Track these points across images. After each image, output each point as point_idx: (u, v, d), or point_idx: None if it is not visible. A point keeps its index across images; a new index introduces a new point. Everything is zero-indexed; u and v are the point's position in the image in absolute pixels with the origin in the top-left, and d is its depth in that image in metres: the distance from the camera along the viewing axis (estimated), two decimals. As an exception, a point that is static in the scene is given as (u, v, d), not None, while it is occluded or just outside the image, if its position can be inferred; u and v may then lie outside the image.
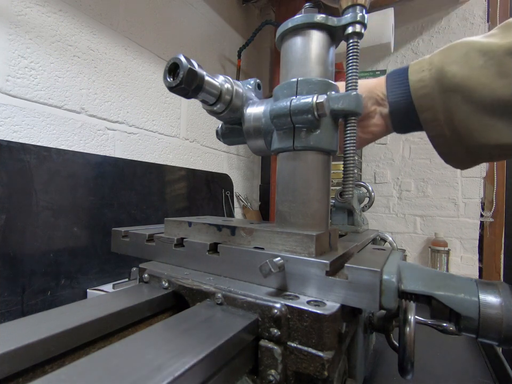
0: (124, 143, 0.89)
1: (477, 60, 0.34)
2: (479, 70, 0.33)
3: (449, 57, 0.36)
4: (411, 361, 0.28)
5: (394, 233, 1.49)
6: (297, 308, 0.25)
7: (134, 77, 0.91)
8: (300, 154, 0.32)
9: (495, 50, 0.33)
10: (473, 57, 0.34)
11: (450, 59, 0.36)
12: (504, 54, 0.32)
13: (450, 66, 0.35)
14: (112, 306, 0.27)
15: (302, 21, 0.32)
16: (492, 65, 0.33)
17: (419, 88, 0.38)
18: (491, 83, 0.33)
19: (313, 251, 0.28)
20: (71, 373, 0.18)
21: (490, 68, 0.33)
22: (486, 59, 0.33)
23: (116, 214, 0.81)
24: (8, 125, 0.63)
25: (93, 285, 0.74)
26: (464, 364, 0.55)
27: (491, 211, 1.29)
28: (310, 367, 0.24)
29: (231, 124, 0.40)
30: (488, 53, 0.33)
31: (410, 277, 0.27)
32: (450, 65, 0.35)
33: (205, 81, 0.30)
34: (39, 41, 0.68)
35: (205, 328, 0.24)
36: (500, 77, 0.32)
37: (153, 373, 0.18)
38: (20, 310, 0.60)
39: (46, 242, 0.65)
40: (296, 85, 0.32)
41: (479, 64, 0.33)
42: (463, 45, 0.35)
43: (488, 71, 0.33)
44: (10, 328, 0.23)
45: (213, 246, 0.34)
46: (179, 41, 1.09)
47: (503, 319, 0.24)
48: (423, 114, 0.38)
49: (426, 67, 0.37)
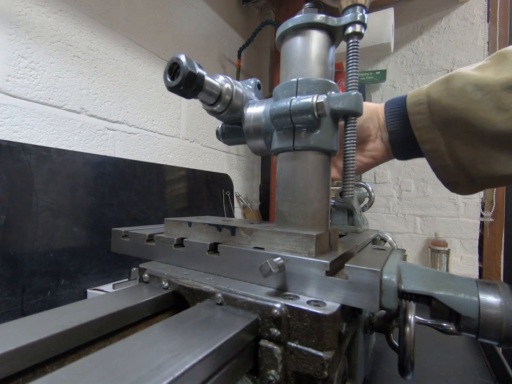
0: (124, 143, 0.89)
1: (474, 94, 0.34)
2: (477, 104, 0.34)
3: (445, 90, 0.36)
4: (411, 361, 0.28)
5: (394, 233, 1.49)
6: (297, 307, 0.25)
7: (134, 77, 0.91)
8: (300, 154, 0.32)
9: (491, 85, 0.33)
10: (470, 91, 0.34)
11: (447, 92, 0.36)
12: (500, 89, 0.33)
13: (447, 100, 0.36)
14: (112, 306, 0.27)
15: (302, 21, 0.32)
16: (490, 99, 0.33)
17: (418, 121, 0.38)
18: (490, 117, 0.33)
19: (313, 251, 0.28)
20: (71, 373, 0.18)
21: (488, 102, 0.33)
22: (482, 93, 0.33)
23: (116, 214, 0.81)
24: (8, 125, 0.63)
25: (93, 285, 0.74)
26: (464, 364, 0.55)
27: (491, 211, 1.29)
28: (310, 367, 0.24)
29: (231, 123, 0.40)
30: (484, 88, 0.33)
31: (410, 277, 0.27)
32: (447, 99, 0.36)
33: (205, 82, 0.30)
34: (39, 41, 0.68)
35: (205, 328, 0.24)
36: (498, 111, 0.33)
37: (153, 373, 0.18)
38: (20, 310, 0.60)
39: (46, 242, 0.65)
40: (296, 85, 0.32)
41: (476, 99, 0.34)
42: (458, 78, 0.36)
43: (486, 105, 0.33)
44: (10, 328, 0.23)
45: (213, 246, 0.34)
46: (179, 41, 1.09)
47: (503, 319, 0.24)
48: (424, 146, 0.39)
49: (424, 100, 0.38)
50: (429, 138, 0.38)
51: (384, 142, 0.43)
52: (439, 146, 0.37)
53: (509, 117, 0.32)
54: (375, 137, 0.43)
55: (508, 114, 0.32)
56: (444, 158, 0.38)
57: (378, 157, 0.44)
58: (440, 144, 0.37)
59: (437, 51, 1.41)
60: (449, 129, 0.36)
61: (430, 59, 1.43)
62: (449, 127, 0.36)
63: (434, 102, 0.37)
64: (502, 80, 0.33)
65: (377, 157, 0.44)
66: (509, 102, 0.32)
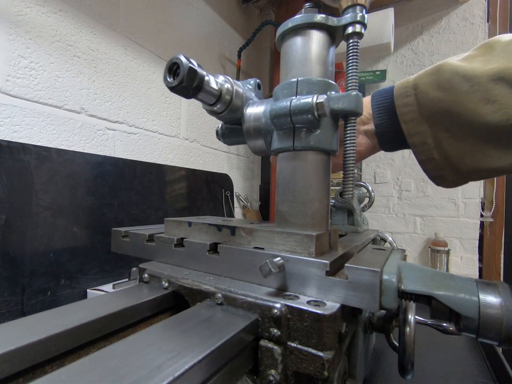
0: (124, 143, 0.89)
1: (462, 86, 0.34)
2: (465, 96, 0.33)
3: (433, 81, 0.36)
4: (411, 361, 0.28)
5: (394, 233, 1.49)
6: (297, 307, 0.25)
7: (134, 77, 0.91)
8: (300, 154, 0.32)
9: (479, 76, 0.33)
10: (458, 82, 0.34)
11: (434, 84, 0.36)
12: (488, 80, 0.32)
13: (435, 92, 0.35)
14: (112, 306, 0.27)
15: (302, 21, 0.32)
16: (477, 90, 0.33)
17: (405, 113, 0.38)
18: (478, 109, 0.33)
19: (313, 251, 0.28)
20: (71, 373, 0.18)
21: (476, 93, 0.33)
22: (470, 85, 0.33)
23: (116, 214, 0.81)
24: (8, 125, 0.63)
25: (93, 285, 0.74)
26: (464, 364, 0.55)
27: (491, 211, 1.29)
28: (310, 367, 0.24)
29: (231, 123, 0.40)
30: (472, 79, 0.33)
31: (410, 277, 0.27)
32: (435, 90, 0.35)
33: (205, 81, 0.30)
34: (39, 41, 0.68)
35: (205, 328, 0.24)
36: (486, 103, 0.32)
37: (153, 373, 0.18)
38: (20, 310, 0.60)
39: (46, 242, 0.65)
40: (296, 85, 0.32)
41: (464, 90, 0.33)
42: (446, 69, 0.35)
43: (474, 97, 0.33)
44: (10, 328, 0.23)
45: (213, 246, 0.34)
46: (179, 41, 1.09)
47: (503, 319, 0.23)
48: (411, 139, 0.38)
49: (411, 91, 0.37)
50: (417, 131, 0.37)
51: (368, 136, 0.42)
52: (427, 140, 0.37)
53: (496, 108, 0.32)
54: (358, 133, 0.42)
55: (495, 106, 0.32)
56: (431, 151, 0.37)
57: (363, 151, 0.44)
58: (427, 137, 0.37)
59: (437, 51, 1.41)
60: (437, 122, 0.36)
61: (430, 59, 1.43)
62: (437, 119, 0.36)
63: (422, 94, 0.36)
64: (489, 71, 0.32)
65: (362, 152, 0.43)
66: (497, 93, 0.32)
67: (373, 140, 0.42)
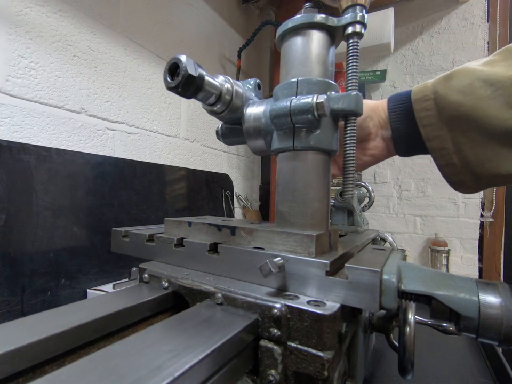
0: (124, 143, 0.89)
1: (483, 90, 0.33)
2: (487, 101, 0.33)
3: (453, 86, 0.35)
4: (411, 361, 0.28)
5: (394, 233, 1.49)
6: (297, 307, 0.25)
7: (134, 77, 0.91)
8: (300, 154, 0.32)
9: (502, 81, 0.32)
10: (479, 87, 0.33)
11: (454, 88, 0.35)
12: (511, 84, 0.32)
13: (455, 96, 0.35)
14: (112, 306, 0.27)
15: (302, 21, 0.32)
16: (500, 95, 0.32)
17: (424, 117, 0.37)
18: (500, 114, 0.32)
19: (313, 251, 0.28)
20: (71, 373, 0.18)
21: (498, 98, 0.32)
22: (493, 90, 0.33)
23: (116, 214, 0.81)
24: (8, 125, 0.63)
25: (93, 285, 0.74)
26: (464, 364, 0.55)
27: (491, 211, 1.29)
28: (310, 367, 0.24)
29: (231, 123, 0.40)
30: (495, 84, 0.33)
31: (410, 277, 0.27)
32: (455, 95, 0.35)
33: (205, 81, 0.30)
34: (39, 41, 0.68)
35: (205, 328, 0.24)
36: (509, 108, 0.32)
37: (153, 373, 0.18)
38: (20, 310, 0.60)
39: (46, 242, 0.65)
40: (296, 85, 0.32)
41: (486, 95, 0.33)
42: (466, 74, 0.35)
43: (496, 102, 0.32)
44: (10, 328, 0.23)
45: (213, 246, 0.34)
46: (179, 41, 1.09)
47: (503, 319, 0.23)
48: (430, 143, 0.38)
49: (430, 96, 0.37)
50: (436, 135, 0.37)
51: (385, 140, 0.42)
52: (446, 144, 0.36)
53: None
54: (375, 136, 0.42)
55: None
56: (450, 156, 0.37)
57: (378, 155, 0.44)
58: (447, 142, 0.36)
59: (437, 51, 1.41)
60: (457, 126, 0.35)
61: (430, 59, 1.43)
62: (457, 124, 0.35)
63: (441, 98, 0.36)
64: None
65: (377, 155, 0.43)
66: None
67: (389, 144, 0.42)
